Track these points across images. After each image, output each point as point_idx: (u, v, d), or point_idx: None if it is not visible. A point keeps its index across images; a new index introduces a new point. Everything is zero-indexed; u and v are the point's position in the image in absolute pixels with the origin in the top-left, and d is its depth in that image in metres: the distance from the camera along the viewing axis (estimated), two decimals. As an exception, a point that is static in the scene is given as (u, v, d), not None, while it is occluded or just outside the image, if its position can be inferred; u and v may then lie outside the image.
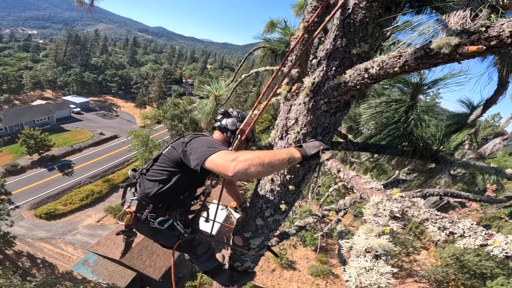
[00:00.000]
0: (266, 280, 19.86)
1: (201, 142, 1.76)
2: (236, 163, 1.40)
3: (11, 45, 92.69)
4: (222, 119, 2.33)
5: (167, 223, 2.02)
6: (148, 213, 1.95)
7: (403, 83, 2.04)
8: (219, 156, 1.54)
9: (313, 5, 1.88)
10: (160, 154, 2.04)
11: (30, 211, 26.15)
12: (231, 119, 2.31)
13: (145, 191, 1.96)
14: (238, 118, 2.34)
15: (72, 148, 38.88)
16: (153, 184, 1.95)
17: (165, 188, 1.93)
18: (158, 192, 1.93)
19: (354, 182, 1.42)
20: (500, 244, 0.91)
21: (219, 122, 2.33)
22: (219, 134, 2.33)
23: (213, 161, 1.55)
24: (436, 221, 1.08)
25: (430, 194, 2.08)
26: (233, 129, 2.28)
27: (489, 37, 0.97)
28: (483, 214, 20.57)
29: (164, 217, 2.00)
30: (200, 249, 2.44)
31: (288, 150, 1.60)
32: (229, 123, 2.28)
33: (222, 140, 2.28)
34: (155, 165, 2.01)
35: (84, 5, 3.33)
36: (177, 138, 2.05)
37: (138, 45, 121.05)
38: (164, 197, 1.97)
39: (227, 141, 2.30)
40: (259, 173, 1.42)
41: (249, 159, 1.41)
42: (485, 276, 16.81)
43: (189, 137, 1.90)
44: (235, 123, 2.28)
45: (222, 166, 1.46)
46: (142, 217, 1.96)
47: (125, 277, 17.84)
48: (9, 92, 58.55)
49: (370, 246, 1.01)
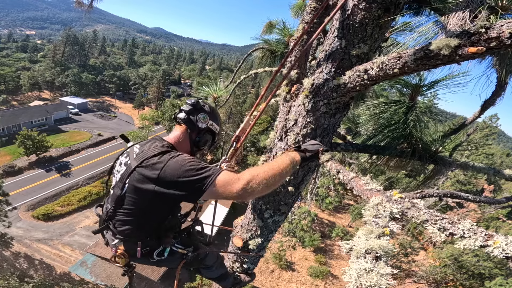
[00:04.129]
0: (265, 281, 19.81)
1: (181, 168, 1.37)
2: (247, 187, 1.31)
3: (9, 45, 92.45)
4: (191, 111, 1.78)
5: (166, 251, 1.78)
6: (141, 249, 1.67)
7: (402, 84, 2.04)
8: (224, 183, 1.34)
9: (312, 6, 1.88)
10: (123, 190, 1.51)
11: (28, 212, 25.99)
12: (203, 114, 1.80)
13: (124, 232, 1.61)
14: (210, 114, 1.85)
15: (70, 149, 38.71)
16: (128, 222, 1.58)
17: (143, 223, 1.60)
18: (138, 229, 1.62)
19: (354, 183, 1.42)
20: (500, 245, 0.91)
21: (184, 114, 1.77)
22: (180, 131, 1.77)
23: (217, 192, 1.34)
24: (436, 222, 1.08)
25: (429, 195, 2.08)
26: (203, 128, 1.80)
27: (488, 38, 0.97)
28: (481, 215, 20.68)
29: (160, 248, 1.75)
30: (209, 260, 2.30)
31: (289, 155, 1.57)
32: (200, 119, 1.78)
33: (183, 140, 1.76)
34: (123, 202, 1.55)
35: (83, 6, 3.33)
36: (130, 156, 1.58)
37: (137, 46, 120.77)
38: (148, 230, 1.65)
39: (192, 143, 1.80)
40: (270, 188, 1.40)
41: (259, 180, 1.33)
42: (483, 276, 16.86)
43: (154, 164, 1.42)
44: (207, 120, 1.81)
45: (232, 195, 1.33)
46: (138, 254, 1.67)
47: (124, 278, 17.76)
48: (7, 92, 58.25)
49: (370, 248, 1.01)
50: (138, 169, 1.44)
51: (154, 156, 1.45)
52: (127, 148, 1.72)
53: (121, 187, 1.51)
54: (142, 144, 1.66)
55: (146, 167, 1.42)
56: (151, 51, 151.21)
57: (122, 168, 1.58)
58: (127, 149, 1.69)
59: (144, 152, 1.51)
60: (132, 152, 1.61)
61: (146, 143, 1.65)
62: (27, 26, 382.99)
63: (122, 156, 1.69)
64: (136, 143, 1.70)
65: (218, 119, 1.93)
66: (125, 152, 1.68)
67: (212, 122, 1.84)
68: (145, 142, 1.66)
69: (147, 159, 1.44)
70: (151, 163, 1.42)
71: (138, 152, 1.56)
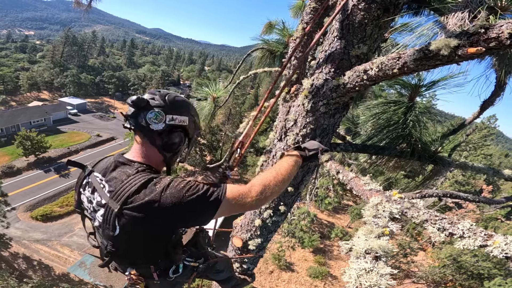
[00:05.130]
0: (264, 281, 19.79)
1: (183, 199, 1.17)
2: (261, 197, 1.28)
3: (8, 46, 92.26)
4: (135, 114, 1.34)
5: (180, 268, 1.67)
6: (156, 272, 1.52)
7: (401, 84, 2.04)
8: (235, 196, 1.24)
9: (312, 7, 1.89)
10: (116, 231, 1.24)
11: (26, 213, 25.92)
12: (153, 112, 1.33)
13: (132, 261, 1.47)
14: (166, 106, 1.37)
15: (69, 150, 38.65)
16: (134, 253, 1.39)
17: (150, 250, 1.40)
18: (146, 257, 1.44)
19: (354, 184, 1.42)
20: (499, 244, 0.91)
21: (134, 120, 1.34)
22: (140, 142, 1.39)
23: (231, 208, 1.26)
24: (435, 222, 1.09)
25: (429, 195, 2.09)
26: (162, 130, 1.35)
27: (488, 39, 0.98)
28: (479, 215, 20.74)
29: (172, 266, 1.63)
30: (220, 266, 2.26)
31: (292, 157, 1.56)
32: (151, 120, 1.33)
33: (148, 151, 1.39)
34: (121, 240, 1.29)
35: (81, 6, 3.33)
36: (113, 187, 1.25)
37: (136, 46, 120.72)
38: (157, 254, 1.45)
39: (160, 151, 1.41)
40: (280, 193, 1.40)
41: (271, 187, 1.32)
42: (482, 276, 16.89)
43: (145, 204, 1.16)
44: (162, 117, 1.34)
45: (246, 208, 1.29)
46: (155, 277, 1.54)
47: (122, 279, 17.73)
48: (6, 93, 58.16)
49: (370, 248, 1.01)
50: (126, 211, 1.18)
51: (138, 192, 1.18)
52: (83, 178, 1.41)
53: (112, 229, 1.23)
54: (104, 171, 1.35)
55: (137, 209, 1.17)
56: (150, 51, 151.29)
57: (98, 208, 1.31)
58: (85, 180, 1.40)
59: (120, 188, 1.21)
60: (97, 184, 1.32)
61: (109, 169, 1.34)
62: (26, 26, 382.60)
63: (84, 190, 1.39)
64: (94, 169, 1.40)
65: (184, 108, 1.46)
66: (85, 184, 1.39)
67: (172, 115, 1.38)
68: (107, 168, 1.35)
69: (130, 198, 1.17)
70: (139, 204, 1.16)
71: (108, 188, 1.27)
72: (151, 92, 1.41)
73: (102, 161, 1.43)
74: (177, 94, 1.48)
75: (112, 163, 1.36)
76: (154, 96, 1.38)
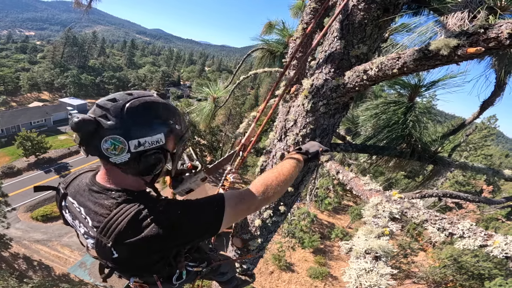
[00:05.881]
0: (264, 282, 19.78)
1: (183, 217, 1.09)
2: (263, 197, 1.27)
3: (8, 46, 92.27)
4: (87, 141, 1.04)
5: (183, 274, 1.63)
6: (159, 280, 1.46)
7: (401, 85, 2.04)
8: (237, 201, 1.21)
9: (312, 7, 1.89)
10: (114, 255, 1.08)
11: (27, 213, 25.93)
12: (108, 141, 1.00)
13: (135, 273, 1.40)
14: (125, 123, 1.02)
15: (69, 150, 38.60)
16: (135, 267, 1.25)
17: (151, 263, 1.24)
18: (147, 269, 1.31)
19: (354, 184, 1.42)
20: (499, 244, 0.91)
21: (87, 148, 1.06)
22: (110, 170, 1.16)
23: (236, 214, 1.22)
24: (435, 222, 1.08)
25: (429, 195, 2.09)
26: (128, 160, 1.05)
27: (487, 39, 0.98)
28: (480, 216, 20.72)
29: (176, 273, 1.57)
30: (223, 268, 2.24)
31: (293, 158, 1.56)
32: (109, 151, 1.02)
33: (119, 178, 1.15)
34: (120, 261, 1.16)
35: (82, 7, 3.33)
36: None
37: (136, 47, 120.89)
38: (158, 268, 1.33)
39: (139, 178, 1.15)
40: (281, 194, 1.41)
41: (273, 188, 1.31)
42: (483, 277, 16.88)
43: (141, 240, 1.03)
44: (123, 144, 1.01)
45: (250, 210, 1.30)
46: (159, 286, 1.45)
47: (123, 280, 17.70)
48: (6, 93, 58.21)
49: (370, 248, 1.01)
50: (121, 245, 1.05)
51: (128, 228, 1.02)
52: (60, 201, 1.29)
53: (109, 254, 1.09)
54: (79, 199, 1.19)
55: (134, 244, 1.03)
56: (150, 52, 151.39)
57: (87, 237, 1.22)
58: (62, 202, 1.28)
59: (106, 225, 1.05)
60: (77, 213, 1.19)
61: (84, 197, 1.17)
62: (26, 27, 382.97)
63: (66, 212, 1.28)
64: (67, 191, 1.26)
65: (157, 118, 1.10)
66: (64, 207, 1.28)
67: (138, 140, 1.03)
68: (82, 195, 1.19)
69: (123, 235, 1.02)
70: (136, 239, 1.02)
71: (91, 222, 1.12)
72: (101, 105, 1.01)
73: (75, 182, 1.28)
74: (146, 95, 1.12)
75: (85, 189, 1.18)
76: (105, 112, 0.99)
